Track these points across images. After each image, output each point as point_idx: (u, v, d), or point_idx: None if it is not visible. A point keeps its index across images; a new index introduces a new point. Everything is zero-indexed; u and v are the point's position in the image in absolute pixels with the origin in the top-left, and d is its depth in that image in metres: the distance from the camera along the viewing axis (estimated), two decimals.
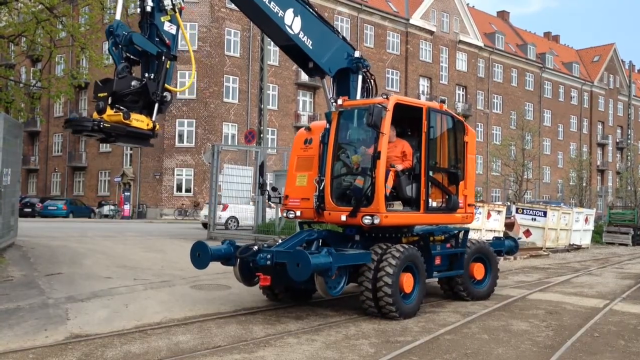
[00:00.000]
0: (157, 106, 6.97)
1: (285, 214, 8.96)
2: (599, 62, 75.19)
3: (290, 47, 8.66)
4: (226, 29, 41.29)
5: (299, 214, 8.63)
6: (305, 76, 36.81)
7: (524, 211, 21.61)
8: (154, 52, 6.87)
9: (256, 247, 7.83)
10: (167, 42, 7.00)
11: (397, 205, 8.19)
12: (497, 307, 8.93)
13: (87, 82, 28.56)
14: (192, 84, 39.80)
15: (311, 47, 8.52)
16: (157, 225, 29.45)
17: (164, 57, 6.90)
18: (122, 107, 6.61)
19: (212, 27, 40.59)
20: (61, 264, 11.09)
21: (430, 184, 8.48)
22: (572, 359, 6.25)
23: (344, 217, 8.02)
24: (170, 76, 7.07)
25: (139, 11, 7.06)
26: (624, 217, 28.66)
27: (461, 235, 9.41)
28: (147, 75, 6.88)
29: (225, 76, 41.38)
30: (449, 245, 9.29)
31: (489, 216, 17.97)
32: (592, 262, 17.37)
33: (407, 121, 8.82)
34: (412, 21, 52.43)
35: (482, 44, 58.74)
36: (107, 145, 38.01)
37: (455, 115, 9.25)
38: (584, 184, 46.36)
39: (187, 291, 9.36)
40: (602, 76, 74.53)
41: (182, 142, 40.24)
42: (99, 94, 6.61)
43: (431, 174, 8.52)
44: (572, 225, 22.25)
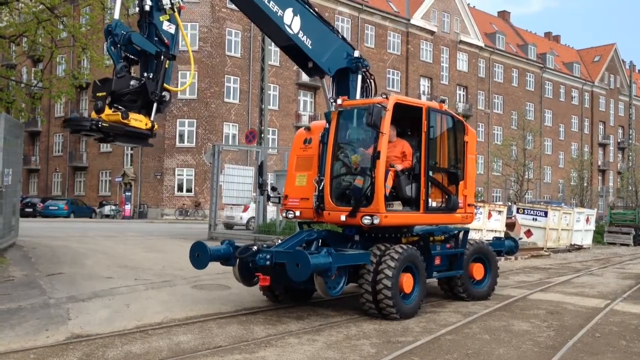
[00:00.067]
0: (155, 106, 6.95)
1: (284, 214, 8.94)
2: (599, 62, 75.17)
3: (289, 47, 8.64)
4: (227, 29, 41.31)
5: (298, 214, 8.62)
6: (306, 76, 36.77)
7: (525, 211, 21.58)
8: (152, 51, 6.85)
9: (255, 247, 7.81)
10: (166, 41, 6.97)
11: (397, 205, 8.18)
12: (498, 307, 8.93)
13: (88, 82, 28.44)
14: (193, 84, 39.81)
15: (310, 47, 8.50)
16: (158, 225, 29.47)
17: (162, 57, 6.88)
18: (120, 107, 6.59)
19: (213, 27, 40.60)
20: (62, 264, 11.10)
21: (430, 184, 8.46)
22: (574, 359, 6.25)
23: (343, 217, 8.01)
24: (169, 76, 7.05)
25: (138, 10, 7.04)
26: (625, 217, 28.62)
27: (461, 235, 9.40)
28: (146, 74, 6.86)
29: (226, 76, 41.39)
30: (448, 245, 9.27)
31: (490, 216, 17.95)
32: (594, 262, 17.35)
33: (407, 121, 8.81)
34: (412, 21, 52.42)
35: (482, 44, 58.74)
36: (108, 145, 38.05)
37: (455, 115, 9.24)
38: (585, 184, 46.27)
39: (188, 291, 9.36)
40: (603, 76, 74.51)
41: (183, 142, 40.26)
42: (98, 94, 6.59)
43: (431, 173, 8.50)
44: (573, 225, 22.22)
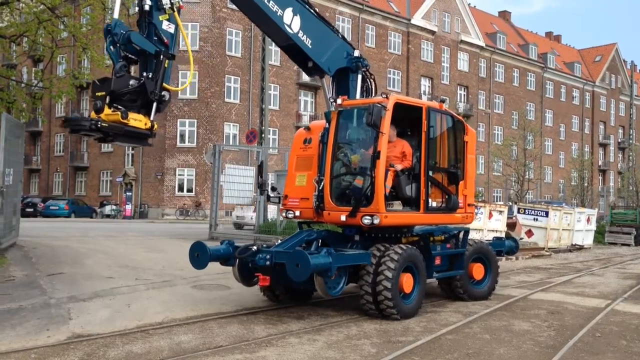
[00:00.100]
0: (155, 105, 6.92)
1: (284, 214, 8.93)
2: (600, 62, 75.10)
3: (289, 47, 8.63)
4: (227, 29, 41.31)
5: (298, 213, 8.61)
6: (306, 76, 36.72)
7: (526, 211, 21.58)
8: (152, 51, 6.83)
9: (255, 248, 7.80)
10: (166, 41, 6.95)
11: (397, 205, 8.17)
12: (498, 307, 8.93)
13: (89, 82, 28.32)
14: (193, 84, 39.85)
15: (310, 47, 8.48)
16: (159, 225, 29.47)
17: (162, 56, 6.86)
18: (120, 107, 6.57)
19: (214, 27, 40.60)
20: (63, 263, 11.10)
21: (430, 183, 8.46)
22: (574, 359, 6.25)
23: (343, 217, 8.00)
24: (168, 75, 7.03)
25: (137, 10, 7.02)
26: (626, 217, 28.62)
27: (461, 235, 9.38)
28: (145, 74, 6.83)
29: (226, 76, 41.39)
30: (449, 245, 9.25)
31: (491, 216, 17.95)
32: (594, 262, 17.35)
33: (407, 121, 8.80)
34: (413, 21, 52.40)
35: (483, 44, 58.70)
36: (109, 145, 38.06)
37: (455, 114, 9.23)
38: (586, 184, 46.25)
39: (188, 291, 9.36)
40: (604, 76, 74.45)
41: (184, 142, 40.27)
42: (97, 93, 6.57)
43: (431, 173, 8.50)
44: (574, 225, 22.21)
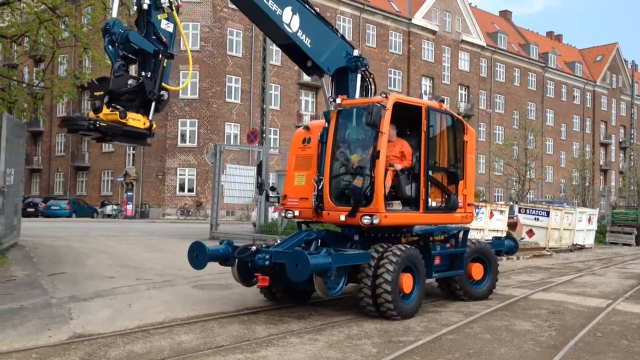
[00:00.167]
0: (154, 105, 6.89)
1: (283, 214, 8.91)
2: (601, 61, 75.02)
3: (289, 46, 8.61)
4: (228, 28, 41.31)
5: (297, 213, 8.59)
6: (307, 76, 36.85)
7: (527, 211, 21.57)
8: (150, 50, 6.80)
9: (254, 248, 7.78)
10: (164, 40, 6.93)
11: (397, 205, 8.16)
12: (499, 306, 8.93)
13: (90, 82, 28.55)
14: (194, 84, 39.88)
15: (309, 46, 8.47)
16: (160, 225, 29.48)
17: (161, 56, 6.83)
18: (118, 106, 6.55)
19: (215, 27, 40.61)
20: (64, 263, 11.10)
21: (429, 183, 8.44)
22: (575, 358, 6.24)
23: (343, 217, 7.98)
24: (167, 75, 7.01)
25: (136, 9, 7.00)
26: (627, 217, 28.60)
27: (461, 235, 9.35)
28: (143, 73, 6.81)
29: (227, 76, 41.40)
30: (448, 245, 9.23)
31: (492, 216, 17.94)
32: (595, 262, 17.34)
33: (407, 120, 8.79)
34: (414, 21, 52.39)
35: (484, 44, 58.66)
36: (110, 145, 38.14)
37: (454, 114, 9.21)
38: (587, 184, 46.17)
39: (189, 291, 9.37)
40: (605, 76, 74.37)
41: (185, 142, 40.29)
42: (95, 93, 6.55)
43: (430, 173, 8.48)
44: (575, 225, 22.20)
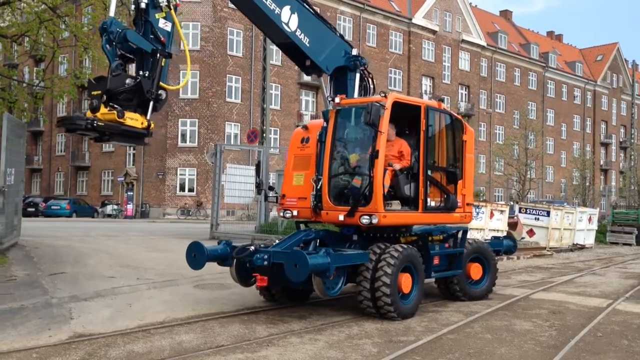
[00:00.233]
0: (152, 104, 6.86)
1: (282, 214, 8.89)
2: (602, 61, 74.99)
3: (287, 45, 8.59)
4: (229, 28, 41.31)
5: (295, 213, 8.58)
6: (307, 76, 36.87)
7: (527, 211, 21.57)
8: (148, 49, 6.77)
9: (253, 248, 7.76)
10: (162, 39, 6.89)
11: (396, 204, 8.14)
12: (500, 306, 8.93)
13: None
14: (195, 84, 39.85)
15: (308, 45, 8.45)
16: (160, 224, 29.49)
17: (158, 55, 6.80)
18: (116, 106, 6.52)
19: (215, 26, 40.61)
20: (64, 263, 11.10)
21: (428, 183, 8.43)
22: (576, 358, 6.24)
23: (341, 217, 7.95)
24: (165, 74, 6.97)
25: (134, 8, 6.95)
26: (627, 217, 28.59)
27: (460, 234, 9.32)
28: (141, 73, 6.78)
29: (227, 76, 41.39)
30: (447, 245, 9.21)
31: (492, 216, 17.94)
32: (596, 262, 17.34)
33: (406, 120, 8.77)
34: (414, 21, 52.37)
35: (484, 44, 58.63)
36: (110, 144, 38.13)
37: (453, 113, 9.19)
38: (587, 184, 46.18)
39: (189, 291, 9.37)
40: (606, 75, 74.35)
41: (185, 142, 40.29)
42: (93, 92, 6.52)
43: (429, 173, 8.47)
44: (576, 224, 22.20)
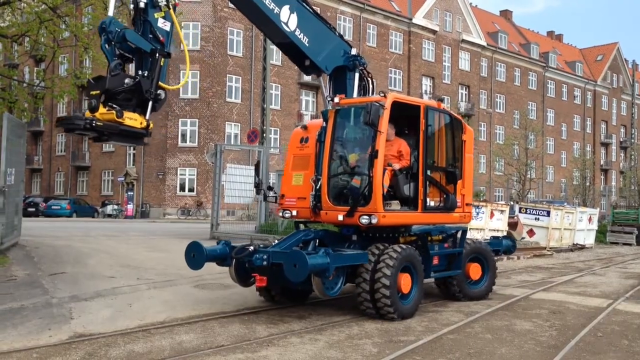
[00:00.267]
0: (151, 104, 6.84)
1: (281, 214, 8.89)
2: (602, 61, 74.99)
3: (287, 45, 8.59)
4: (229, 28, 41.31)
5: (295, 213, 8.57)
6: (306, 75, 36.84)
7: (527, 211, 21.57)
8: (147, 49, 6.75)
9: (252, 248, 7.75)
10: (161, 39, 6.88)
11: (395, 204, 8.14)
12: (500, 306, 8.92)
13: None
14: (195, 84, 39.83)
15: (307, 45, 8.45)
16: (160, 224, 29.49)
17: (157, 55, 6.78)
18: (115, 105, 6.51)
19: (215, 26, 40.60)
20: (65, 263, 11.11)
21: (428, 183, 8.42)
22: (576, 358, 6.24)
23: (341, 217, 7.94)
24: (164, 74, 6.95)
25: (132, 7, 6.94)
26: (628, 217, 28.58)
27: (459, 234, 9.32)
28: (140, 72, 6.77)
29: (228, 76, 41.39)
30: (446, 245, 9.20)
31: (492, 216, 17.95)
32: (596, 262, 17.34)
33: (405, 120, 8.77)
34: (414, 20, 52.37)
35: (485, 43, 58.62)
36: (111, 144, 38.15)
37: (453, 113, 9.19)
38: (588, 184, 46.14)
39: (190, 291, 9.37)
40: (606, 75, 74.34)
41: (185, 142, 40.30)
42: (92, 92, 6.51)
43: (429, 173, 8.46)
44: (576, 224, 22.19)
